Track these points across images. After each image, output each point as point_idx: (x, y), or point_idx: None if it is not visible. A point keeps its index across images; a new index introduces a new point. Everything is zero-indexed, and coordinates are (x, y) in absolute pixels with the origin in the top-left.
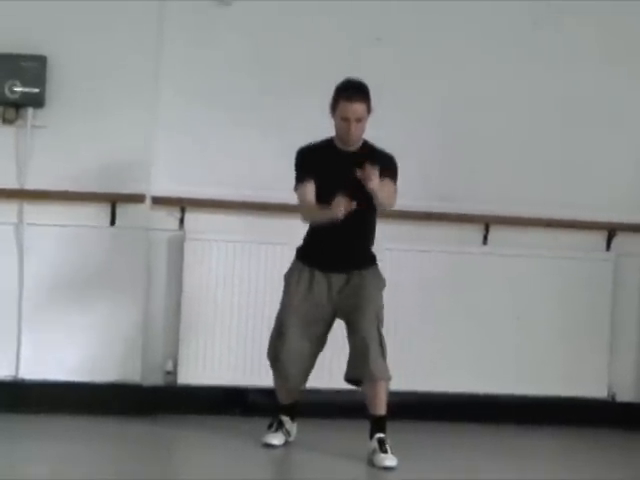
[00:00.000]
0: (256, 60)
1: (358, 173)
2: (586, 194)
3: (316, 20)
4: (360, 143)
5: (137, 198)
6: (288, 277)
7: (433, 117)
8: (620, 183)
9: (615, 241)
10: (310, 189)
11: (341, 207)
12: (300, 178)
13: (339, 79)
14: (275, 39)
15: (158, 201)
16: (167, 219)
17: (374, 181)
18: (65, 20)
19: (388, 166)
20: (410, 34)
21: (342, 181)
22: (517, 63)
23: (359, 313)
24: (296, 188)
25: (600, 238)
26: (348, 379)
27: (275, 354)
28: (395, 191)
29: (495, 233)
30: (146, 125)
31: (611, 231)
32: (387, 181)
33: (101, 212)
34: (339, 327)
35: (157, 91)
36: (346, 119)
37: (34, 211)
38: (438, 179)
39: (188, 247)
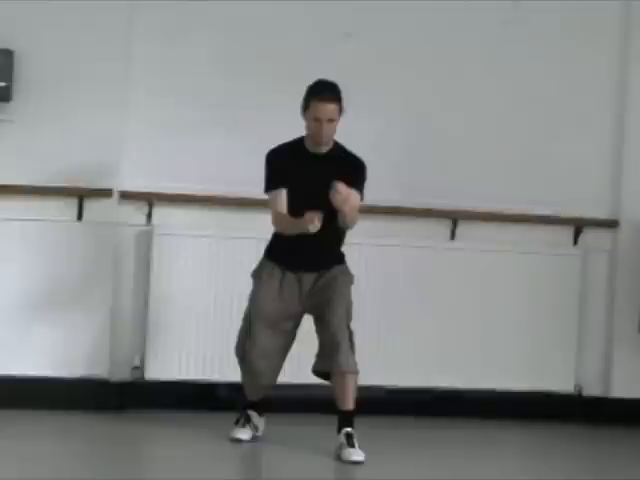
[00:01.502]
0: (224, 57)
1: (332, 187)
2: (553, 190)
3: (286, 18)
4: (331, 144)
5: (105, 193)
6: (257, 275)
7: (402, 113)
8: (587, 179)
9: (582, 237)
10: (282, 198)
11: (315, 222)
12: (271, 184)
13: (309, 76)
14: (244, 36)
15: (126, 196)
16: (135, 214)
17: (342, 200)
18: (33, 15)
19: (356, 173)
20: (380, 32)
21: (312, 183)
22: (485, 61)
23: (329, 309)
24: (267, 193)
25: (567, 234)
26: (316, 371)
27: (244, 352)
28: (360, 201)
29: (463, 228)
30: (114, 120)
31: (578, 227)
32: (353, 193)
33: (68, 207)
34: (307, 322)
35: (125, 86)
36: (318, 119)
37: (0, 206)
38: (406, 174)
39: (156, 242)
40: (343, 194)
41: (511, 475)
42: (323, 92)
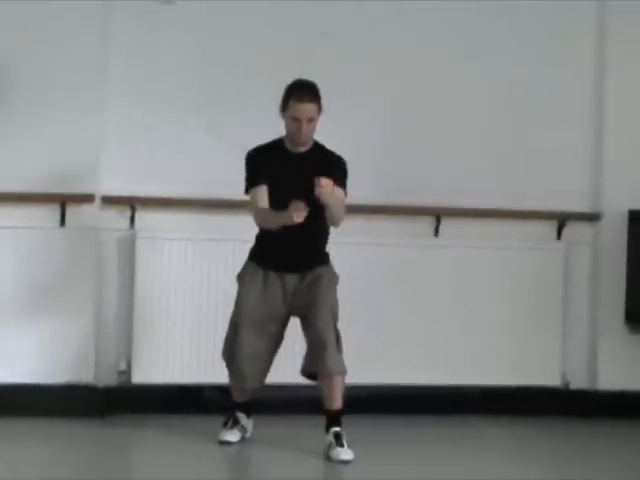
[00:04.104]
0: (203, 58)
1: (315, 181)
2: (536, 184)
3: (262, 17)
4: (310, 144)
5: (86, 198)
6: (241, 277)
7: (382, 111)
8: (569, 172)
9: (565, 230)
10: (263, 194)
11: (299, 213)
12: (251, 182)
13: (287, 75)
14: (221, 37)
15: (108, 201)
16: (117, 219)
17: (327, 193)
18: (10, 20)
19: (338, 170)
20: (357, 29)
21: (293, 183)
22: (465, 59)
23: (315, 310)
24: (247, 192)
25: (550, 228)
26: (304, 373)
27: (231, 355)
28: (344, 197)
29: (446, 225)
30: (94, 124)
31: (561, 220)
32: (337, 190)
33: (51, 213)
34: (293, 323)
35: (104, 90)
36: (297, 119)
37: None
38: (389, 172)
39: (139, 246)
40: (327, 187)
41: (500, 470)
42: (302, 92)
